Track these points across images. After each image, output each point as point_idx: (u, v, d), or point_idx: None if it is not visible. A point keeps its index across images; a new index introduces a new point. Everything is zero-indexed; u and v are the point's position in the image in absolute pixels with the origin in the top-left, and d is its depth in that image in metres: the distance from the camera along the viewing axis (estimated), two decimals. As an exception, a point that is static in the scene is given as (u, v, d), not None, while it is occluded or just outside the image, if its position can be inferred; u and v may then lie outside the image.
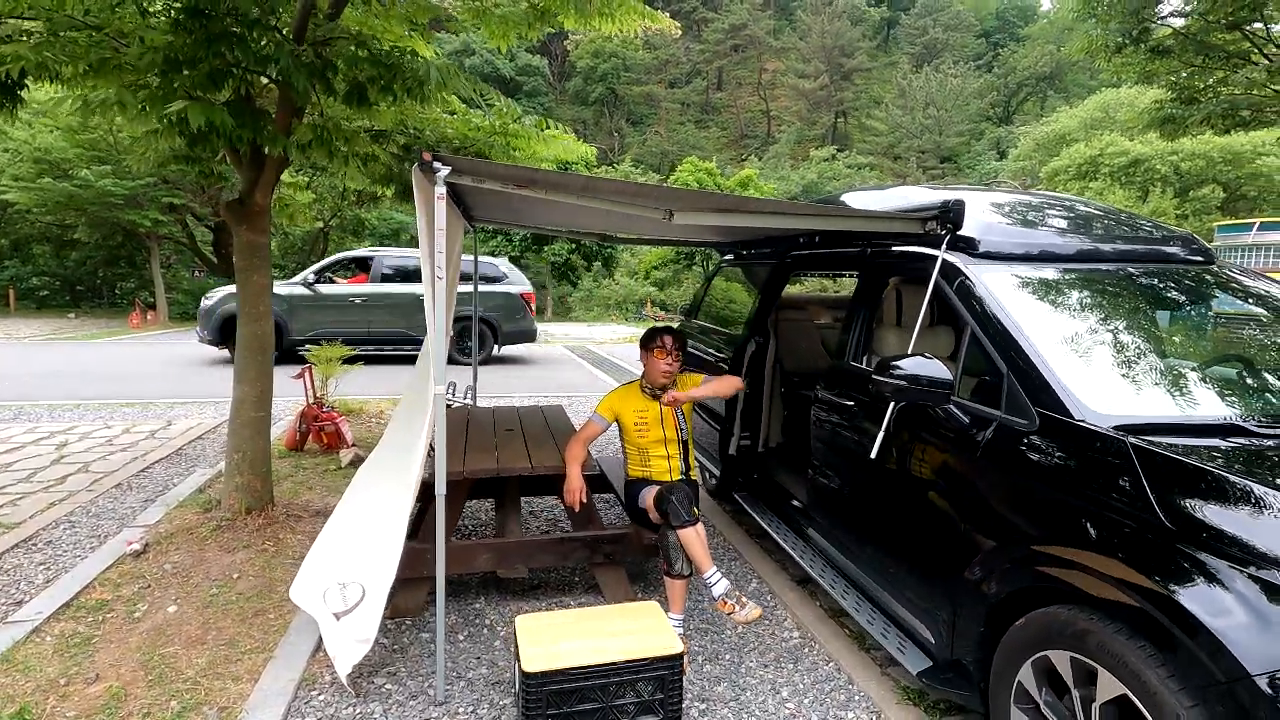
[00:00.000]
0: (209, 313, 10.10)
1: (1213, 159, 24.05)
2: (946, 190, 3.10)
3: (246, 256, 3.83)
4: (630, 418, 3.15)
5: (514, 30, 4.18)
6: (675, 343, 3.14)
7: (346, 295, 10.60)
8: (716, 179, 27.94)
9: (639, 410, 3.15)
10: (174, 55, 2.97)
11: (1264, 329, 2.69)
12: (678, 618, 2.85)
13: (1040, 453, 2.03)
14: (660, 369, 3.11)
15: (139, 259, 21.70)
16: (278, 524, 3.90)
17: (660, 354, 3.11)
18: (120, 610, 3.04)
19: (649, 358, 3.14)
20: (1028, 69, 51.86)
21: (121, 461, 5.24)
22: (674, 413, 3.18)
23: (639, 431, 3.13)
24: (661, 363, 3.10)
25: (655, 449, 3.14)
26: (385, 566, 2.50)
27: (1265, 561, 1.50)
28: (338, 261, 11.21)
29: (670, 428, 3.16)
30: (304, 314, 10.35)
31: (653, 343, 3.13)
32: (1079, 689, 1.80)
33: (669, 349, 3.11)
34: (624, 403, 3.16)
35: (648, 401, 3.15)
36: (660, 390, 3.14)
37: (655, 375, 3.14)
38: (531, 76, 48.40)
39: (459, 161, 2.33)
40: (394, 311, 10.58)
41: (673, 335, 3.16)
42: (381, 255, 11.21)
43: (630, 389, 3.21)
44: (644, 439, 3.13)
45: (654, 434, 3.14)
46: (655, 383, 3.14)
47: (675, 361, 3.13)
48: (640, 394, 3.17)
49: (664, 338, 3.14)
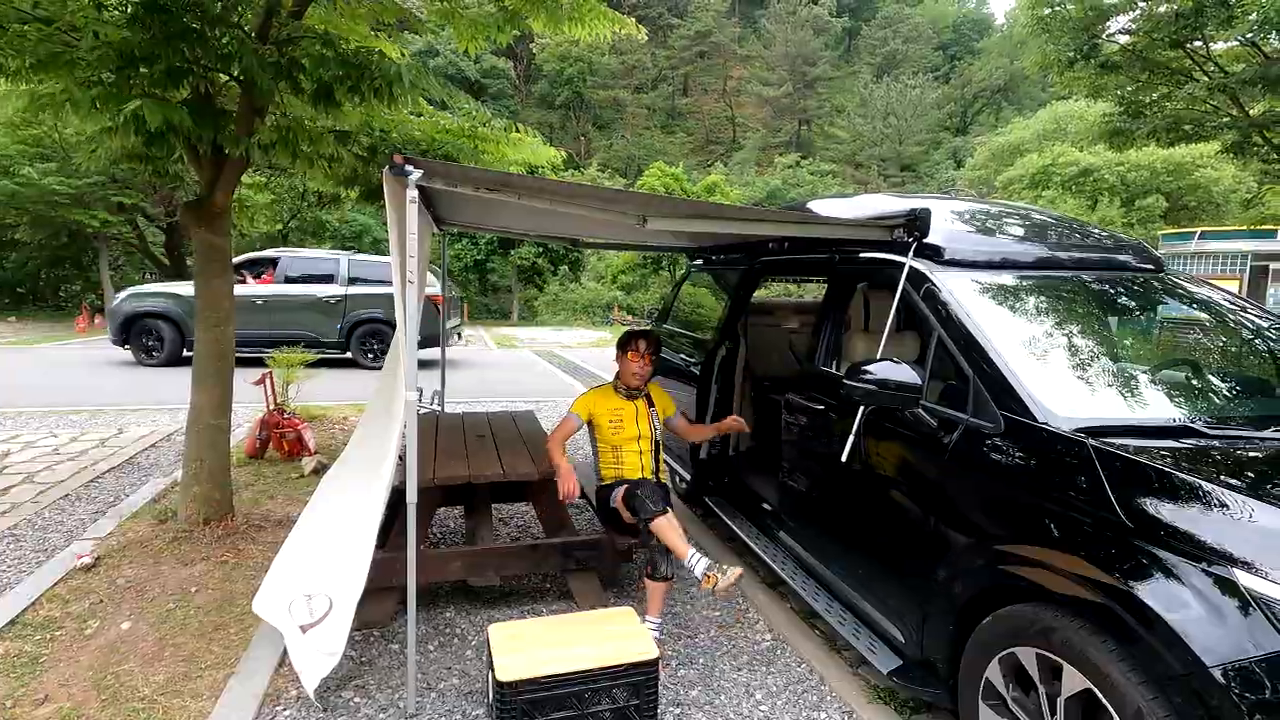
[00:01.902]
0: (113, 313, 10.22)
1: (1156, 170, 25.09)
2: (912, 199, 3.17)
3: (205, 259, 3.72)
4: (605, 416, 3.25)
5: (483, 33, 4.14)
6: (649, 347, 3.28)
7: (248, 296, 10.42)
8: (683, 184, 28.10)
9: (614, 408, 3.26)
10: (130, 51, 2.87)
11: (1210, 333, 2.82)
12: (655, 621, 2.85)
13: (1005, 454, 2.09)
14: (632, 370, 3.26)
15: (85, 260, 20.86)
16: (238, 534, 3.79)
17: (634, 356, 3.24)
18: (70, 627, 2.91)
19: (623, 359, 3.27)
20: (983, 81, 53.43)
21: (69, 471, 5.02)
22: (648, 412, 3.30)
23: (614, 429, 3.23)
24: (634, 364, 3.24)
25: (629, 445, 3.23)
26: (354, 577, 2.45)
27: (1218, 556, 1.57)
28: (248, 261, 11.09)
29: (644, 424, 3.27)
30: None
31: (628, 345, 3.26)
32: (1045, 684, 1.85)
33: (641, 352, 3.26)
34: (599, 403, 3.27)
35: (622, 401, 3.28)
36: (634, 391, 3.29)
37: (627, 376, 3.28)
38: (497, 79, 48.02)
39: (431, 165, 2.30)
40: (297, 313, 10.54)
41: (647, 340, 3.29)
42: (287, 256, 11.20)
43: (604, 390, 3.35)
44: (618, 436, 3.23)
45: (628, 431, 3.23)
46: (628, 384, 3.28)
47: (647, 365, 3.27)
48: (614, 394, 3.30)
49: (639, 341, 3.27)
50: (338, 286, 10.74)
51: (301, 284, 10.73)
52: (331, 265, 10.98)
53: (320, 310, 10.62)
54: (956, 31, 62.61)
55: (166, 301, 10.17)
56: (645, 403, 3.33)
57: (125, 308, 10.16)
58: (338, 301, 10.66)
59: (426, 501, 3.24)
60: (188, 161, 3.82)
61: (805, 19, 56.01)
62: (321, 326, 10.62)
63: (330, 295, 10.66)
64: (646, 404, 3.34)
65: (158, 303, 10.17)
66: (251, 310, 10.30)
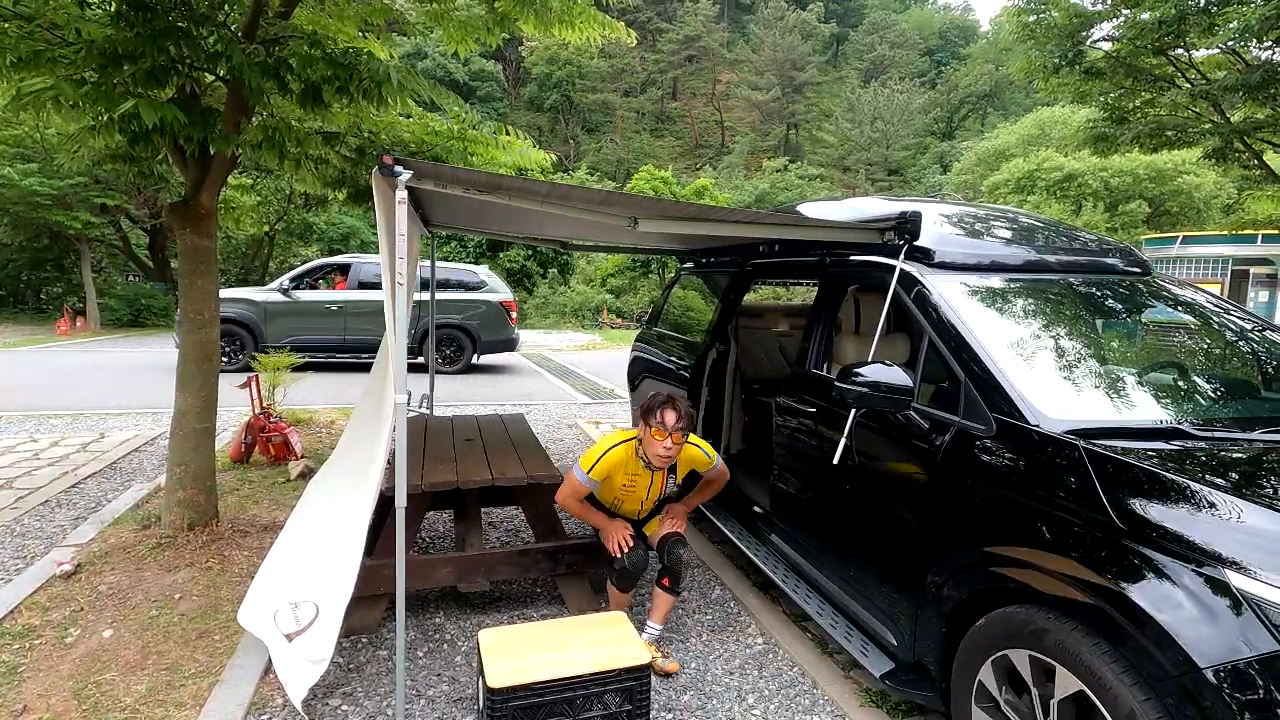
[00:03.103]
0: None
1: (1139, 176, 25.45)
2: (902, 202, 3.18)
3: (191, 261, 3.67)
4: (620, 479, 2.86)
5: (473, 35, 4.13)
6: (679, 421, 2.68)
7: (322, 302, 10.51)
8: (672, 187, 28.17)
9: (630, 474, 2.86)
10: (113, 50, 2.83)
11: (1196, 336, 2.84)
12: (658, 628, 2.87)
13: (996, 456, 2.09)
14: (657, 452, 2.71)
15: (67, 262, 20.56)
16: (223, 540, 3.73)
17: (659, 434, 2.68)
18: (50, 636, 2.85)
19: (647, 434, 2.72)
20: (969, 87, 54.01)
21: (49, 476, 4.93)
22: (664, 481, 2.92)
23: (624, 491, 2.89)
24: (660, 445, 2.69)
25: (630, 505, 2.96)
26: (341, 583, 2.41)
27: (1209, 557, 1.57)
28: (317, 268, 11.17)
29: (656, 492, 2.93)
30: (279, 321, 10.32)
31: (651, 418, 2.70)
32: (1038, 687, 1.85)
33: (670, 428, 2.67)
34: (618, 468, 2.82)
35: (641, 469, 2.85)
36: (655, 468, 2.84)
37: (652, 456, 2.75)
38: (485, 82, 47.97)
39: (421, 165, 2.27)
40: (370, 319, 10.51)
41: (677, 414, 2.68)
42: (360, 262, 11.16)
43: (627, 453, 2.82)
44: (625, 497, 2.92)
45: (638, 494, 2.91)
46: (650, 462, 2.80)
47: (676, 445, 2.70)
48: (635, 460, 2.83)
49: (665, 412, 2.68)
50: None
51: (374, 289, 10.69)
52: None
53: None
54: (943, 38, 63.27)
55: (240, 307, 10.18)
56: (665, 472, 2.90)
57: None
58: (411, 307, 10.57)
59: (415, 506, 3.21)
60: (173, 162, 3.77)
61: (793, 24, 56.42)
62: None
63: None
64: (665, 472, 2.91)
65: (229, 308, 10.15)
66: (326, 316, 10.44)
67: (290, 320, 10.36)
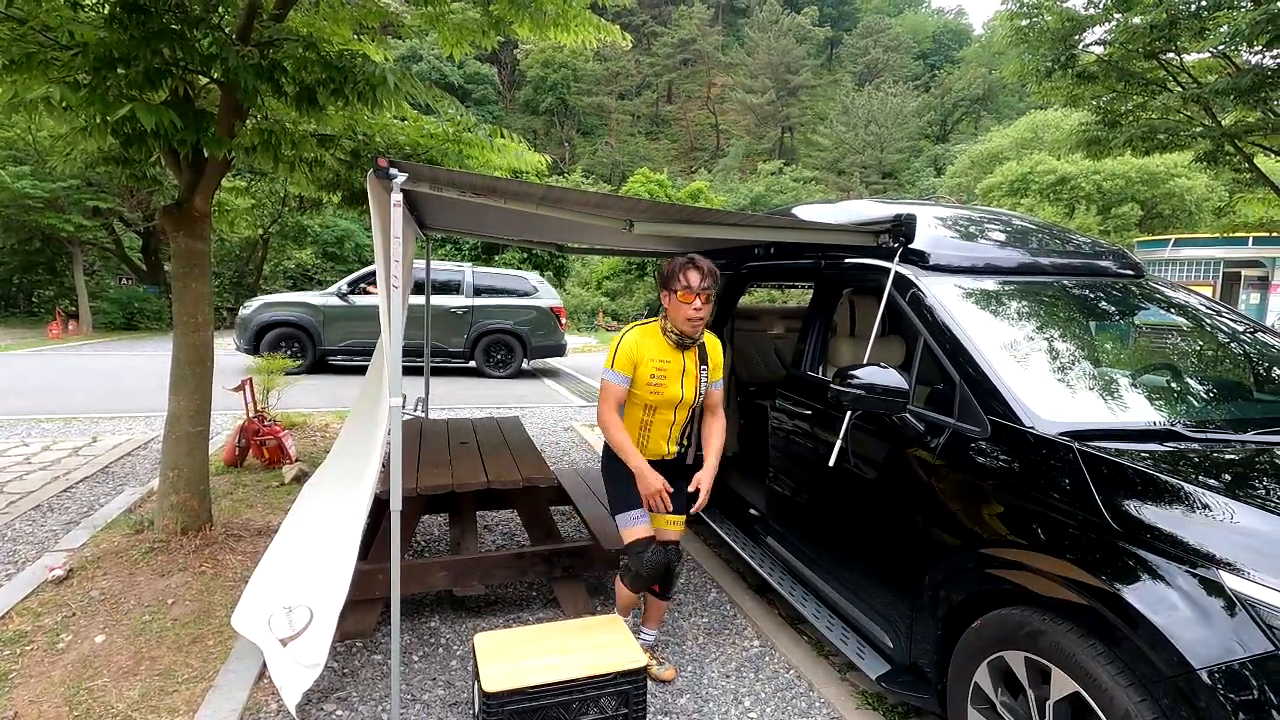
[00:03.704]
0: (244, 322, 10.39)
1: (1131, 179, 25.59)
2: (897, 204, 3.19)
3: (185, 264, 3.65)
4: (648, 368, 2.44)
5: (468, 38, 4.12)
6: (704, 279, 2.35)
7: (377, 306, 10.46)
8: (668, 190, 28.18)
9: (660, 360, 2.45)
10: (107, 52, 2.81)
11: (1189, 338, 2.86)
12: (652, 634, 2.83)
13: (991, 458, 2.09)
14: (686, 315, 2.37)
15: (59, 265, 20.44)
16: (216, 544, 3.71)
17: (686, 296, 2.35)
18: (41, 641, 2.83)
19: (672, 301, 2.40)
20: (962, 90, 54.24)
21: (41, 481, 4.90)
22: (697, 371, 2.50)
23: (653, 386, 2.44)
24: (688, 309, 2.37)
25: (663, 412, 2.51)
26: (335, 587, 2.40)
27: (1202, 558, 1.58)
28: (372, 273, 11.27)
29: (690, 387, 2.49)
30: (337, 324, 10.51)
31: (675, 282, 2.37)
32: (1033, 688, 1.85)
33: (697, 289, 2.34)
34: (643, 348, 2.45)
35: (672, 351, 2.46)
36: (687, 339, 2.43)
37: (680, 322, 2.40)
38: (480, 85, 47.97)
39: (417, 168, 2.27)
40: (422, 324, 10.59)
41: (700, 272, 2.36)
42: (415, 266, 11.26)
43: (651, 330, 2.49)
44: (657, 395, 2.45)
45: (670, 391, 2.46)
46: (681, 330, 2.42)
47: (705, 306, 2.38)
48: (663, 339, 2.47)
49: (688, 273, 2.35)
50: (463, 297, 10.89)
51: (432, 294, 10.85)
52: (457, 276, 11.12)
53: (447, 321, 10.75)
54: (936, 41, 63.58)
55: (301, 311, 10.30)
56: (697, 357, 2.51)
57: (259, 317, 10.25)
58: (465, 312, 10.80)
59: (410, 509, 3.20)
60: (166, 165, 3.75)
61: (787, 28, 56.60)
62: (448, 337, 10.79)
63: (457, 306, 10.79)
64: (698, 359, 2.51)
65: (292, 312, 10.30)
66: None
67: (348, 324, 10.54)
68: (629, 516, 2.51)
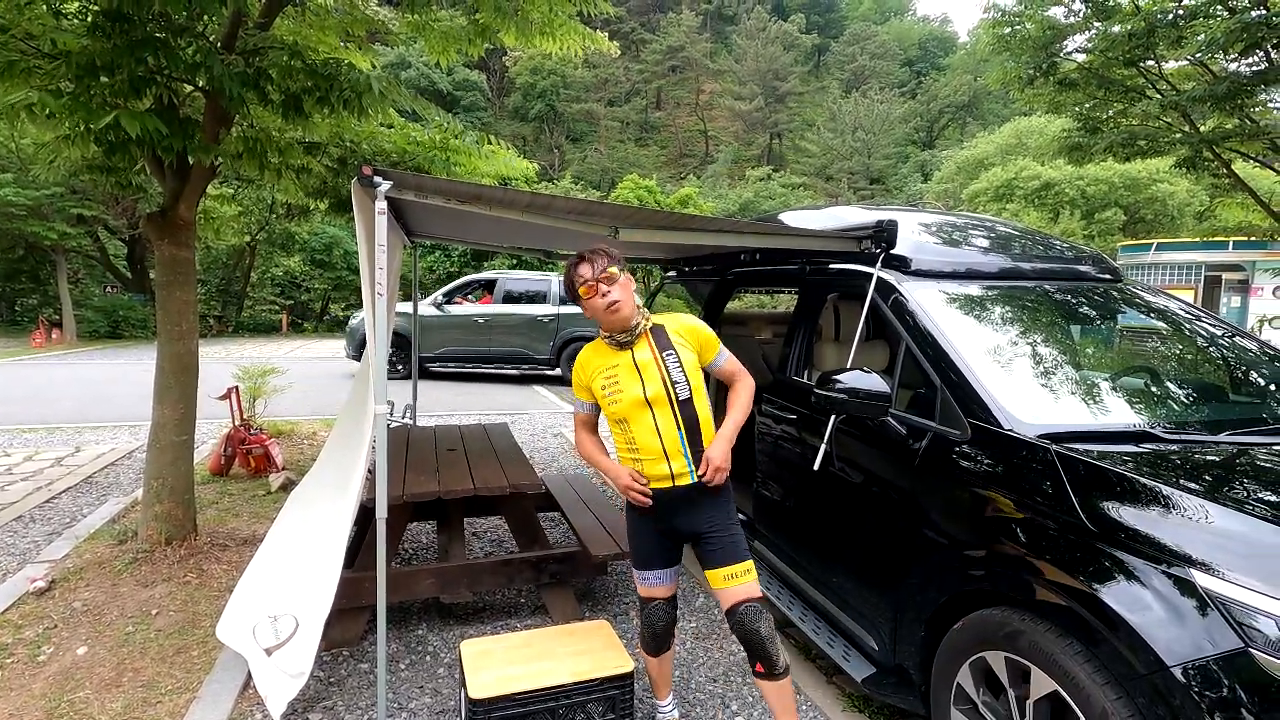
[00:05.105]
0: (353, 331, 11.00)
1: (1114, 184, 25.92)
2: (880, 210, 3.23)
3: (169, 272, 3.63)
4: (598, 381, 2.19)
5: (454, 46, 4.14)
6: (597, 267, 2.13)
7: (471, 315, 11.09)
8: (657, 196, 28.24)
9: (606, 368, 2.19)
10: (90, 61, 2.81)
11: (1165, 341, 2.90)
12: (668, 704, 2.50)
13: (972, 461, 2.12)
14: (599, 309, 2.14)
15: (43, 273, 20.23)
16: (201, 554, 3.68)
17: (586, 291, 2.14)
18: (22, 654, 2.80)
19: (583, 304, 2.20)
20: (948, 97, 54.79)
21: (23, 491, 4.85)
22: (656, 358, 2.16)
23: (610, 397, 2.16)
24: (596, 300, 2.13)
25: (639, 421, 2.14)
26: (321, 596, 2.39)
27: (1176, 558, 1.61)
28: (467, 283, 11.81)
29: (651, 375, 2.14)
30: (433, 333, 10.95)
31: (573, 289, 2.18)
32: (1014, 688, 1.87)
33: (592, 277, 2.13)
34: (589, 365, 2.24)
35: (616, 353, 2.19)
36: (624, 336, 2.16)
37: (601, 319, 2.16)
38: (469, 92, 47.95)
39: (402, 176, 2.28)
40: (513, 331, 11.06)
41: (589, 262, 2.15)
42: (505, 278, 11.74)
43: (595, 344, 2.28)
44: (618, 404, 2.15)
45: (630, 393, 2.13)
46: (611, 329, 2.17)
47: (612, 289, 2.12)
48: (605, 348, 2.23)
49: (578, 270, 2.15)
50: (550, 306, 11.08)
51: (517, 304, 11.26)
52: (544, 285, 11.40)
53: (534, 329, 10.99)
54: (922, 49, 64.21)
55: (401, 320, 10.34)
56: (652, 345, 2.18)
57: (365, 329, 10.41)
58: (551, 320, 10.99)
59: (396, 517, 3.19)
60: (151, 172, 3.74)
61: (775, 35, 57.02)
62: (535, 345, 11.03)
63: (544, 314, 11.03)
64: (654, 346, 2.18)
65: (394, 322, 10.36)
66: (474, 330, 11.06)
67: (443, 333, 10.97)
68: (639, 576, 2.31)
